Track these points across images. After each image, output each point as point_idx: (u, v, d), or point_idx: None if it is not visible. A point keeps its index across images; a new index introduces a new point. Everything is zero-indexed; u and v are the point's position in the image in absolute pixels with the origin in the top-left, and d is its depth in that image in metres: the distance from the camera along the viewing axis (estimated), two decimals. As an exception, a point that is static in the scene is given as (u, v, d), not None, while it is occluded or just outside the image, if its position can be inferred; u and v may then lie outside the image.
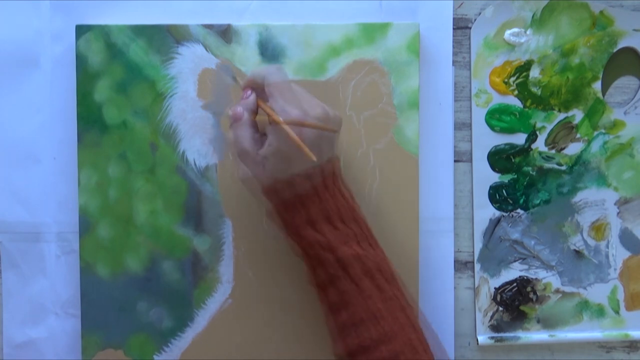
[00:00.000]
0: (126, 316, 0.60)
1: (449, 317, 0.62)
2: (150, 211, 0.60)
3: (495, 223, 0.63)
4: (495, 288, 0.63)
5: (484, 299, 0.63)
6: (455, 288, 0.63)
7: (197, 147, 0.61)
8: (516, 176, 0.63)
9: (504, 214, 0.63)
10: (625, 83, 0.63)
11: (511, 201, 0.63)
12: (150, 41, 0.60)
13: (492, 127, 0.62)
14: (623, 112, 0.63)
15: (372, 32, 0.60)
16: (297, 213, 0.52)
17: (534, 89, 0.62)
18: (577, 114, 0.63)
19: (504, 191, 0.63)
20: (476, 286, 0.63)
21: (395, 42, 0.60)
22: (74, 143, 0.60)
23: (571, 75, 0.62)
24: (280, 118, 0.51)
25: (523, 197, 0.63)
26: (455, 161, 0.62)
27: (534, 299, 0.63)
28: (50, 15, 0.61)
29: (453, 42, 0.62)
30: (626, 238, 0.64)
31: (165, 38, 0.60)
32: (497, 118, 0.62)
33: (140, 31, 0.60)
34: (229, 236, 0.61)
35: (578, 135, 0.63)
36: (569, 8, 0.62)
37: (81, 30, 0.60)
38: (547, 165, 0.63)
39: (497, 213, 0.63)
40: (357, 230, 0.53)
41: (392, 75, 0.61)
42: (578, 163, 0.63)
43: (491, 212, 0.63)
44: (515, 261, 0.63)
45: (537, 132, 0.63)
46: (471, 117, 0.62)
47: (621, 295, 0.63)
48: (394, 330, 0.51)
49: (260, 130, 0.54)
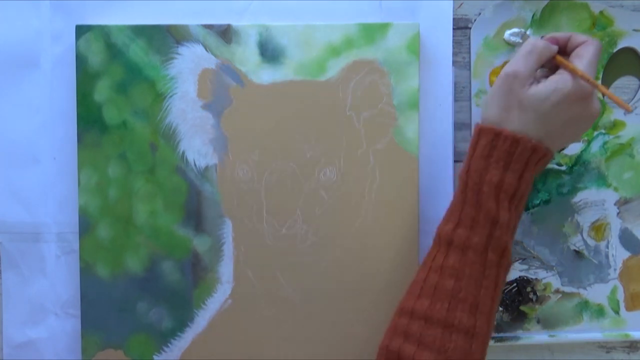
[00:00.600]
0: (126, 316, 0.60)
1: (449, 317, 0.62)
2: (150, 211, 0.60)
3: (495, 223, 0.63)
4: (495, 288, 0.63)
5: (484, 299, 0.63)
6: (455, 288, 0.63)
7: (197, 147, 0.61)
8: (516, 176, 0.63)
9: (504, 214, 0.63)
10: (625, 83, 0.63)
11: (511, 201, 0.63)
12: (150, 41, 0.60)
13: (492, 127, 0.62)
14: (623, 112, 0.63)
15: (372, 32, 0.60)
16: (495, 170, 0.50)
17: (534, 89, 0.62)
18: (577, 114, 0.63)
19: (504, 191, 0.63)
20: (476, 286, 0.63)
21: (395, 42, 0.60)
22: (74, 143, 0.60)
23: (571, 75, 0.62)
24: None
25: (523, 197, 0.63)
26: (455, 161, 0.62)
27: (534, 299, 0.63)
28: (50, 15, 0.61)
29: (453, 42, 0.62)
30: (626, 238, 0.64)
31: (165, 38, 0.60)
32: (497, 118, 0.62)
33: (140, 31, 0.60)
34: (229, 236, 0.61)
35: (578, 135, 0.63)
36: (569, 8, 0.62)
37: (81, 30, 0.60)
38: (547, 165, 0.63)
39: (497, 213, 0.63)
40: (517, 222, 0.52)
41: (392, 75, 0.61)
42: (578, 163, 0.63)
43: (491, 212, 0.63)
44: (515, 261, 0.63)
45: (537, 132, 0.63)
46: (471, 117, 0.62)
47: (621, 295, 0.63)
48: (483, 332, 0.49)
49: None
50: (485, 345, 0.50)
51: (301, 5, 0.61)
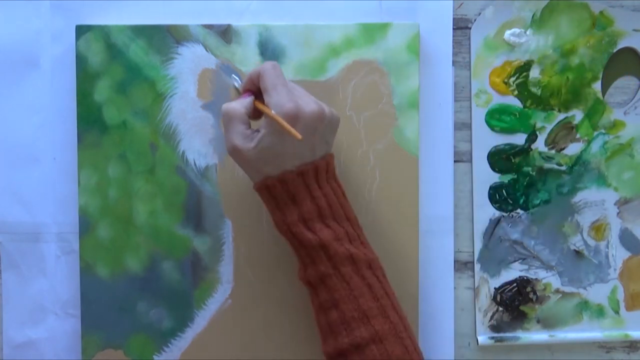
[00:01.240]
0: (126, 316, 0.60)
1: (449, 317, 0.62)
2: (150, 211, 0.60)
3: (495, 223, 0.63)
4: (495, 288, 0.63)
5: (484, 299, 0.63)
6: (455, 288, 0.63)
7: (197, 147, 0.61)
8: (516, 176, 0.63)
9: (504, 214, 0.63)
10: (625, 83, 0.63)
11: (511, 201, 0.63)
12: (150, 41, 0.60)
13: (492, 127, 0.62)
14: (623, 112, 0.63)
15: (372, 33, 0.60)
16: (289, 210, 0.52)
17: (534, 89, 0.62)
18: (577, 114, 0.63)
19: (504, 191, 0.63)
20: (476, 286, 0.63)
21: (395, 43, 0.60)
22: (74, 143, 0.60)
23: (571, 75, 0.62)
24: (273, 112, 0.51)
25: (523, 197, 0.63)
26: (455, 161, 0.62)
27: (534, 299, 0.63)
28: (50, 15, 0.61)
29: (453, 42, 0.62)
30: (626, 238, 0.64)
31: (165, 38, 0.60)
32: (497, 118, 0.62)
33: (140, 31, 0.60)
34: (229, 236, 0.61)
35: (578, 135, 0.63)
36: (569, 8, 0.62)
37: (81, 30, 0.60)
38: (547, 165, 0.63)
39: (497, 213, 0.63)
40: (349, 228, 0.53)
41: (392, 75, 0.61)
42: (578, 163, 0.63)
43: (491, 212, 0.63)
44: (515, 261, 0.63)
45: (537, 132, 0.63)
46: (471, 117, 0.62)
47: (621, 295, 0.63)
48: (385, 329, 0.51)
49: (253, 127, 0.54)
50: (402, 335, 0.51)
51: (301, 5, 0.61)
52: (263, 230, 0.61)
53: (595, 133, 0.63)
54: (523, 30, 0.62)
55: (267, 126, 0.51)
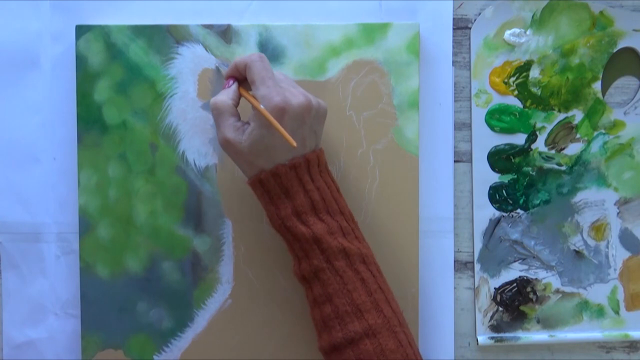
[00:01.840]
0: (126, 316, 0.60)
1: (449, 317, 0.62)
2: (150, 211, 0.60)
3: (495, 223, 0.63)
4: (495, 288, 0.63)
5: (484, 299, 0.63)
6: (455, 288, 0.63)
7: (197, 147, 0.61)
8: (516, 176, 0.63)
9: (504, 214, 0.63)
10: (625, 83, 0.63)
11: (511, 201, 0.63)
12: (150, 41, 0.60)
13: (492, 127, 0.62)
14: (623, 112, 0.63)
15: (372, 33, 0.60)
16: (283, 204, 0.52)
17: (534, 89, 0.62)
18: (577, 114, 0.63)
19: (504, 191, 0.63)
20: (476, 286, 0.63)
21: (395, 43, 0.60)
22: (74, 143, 0.60)
23: (571, 75, 0.62)
24: (261, 106, 0.51)
25: (523, 198, 0.63)
26: (455, 161, 0.62)
27: (534, 299, 0.63)
28: (50, 15, 0.61)
29: (453, 42, 0.62)
30: (626, 238, 0.64)
31: (165, 38, 0.60)
32: (497, 118, 0.62)
33: (140, 31, 0.60)
34: (229, 236, 0.61)
35: (578, 135, 0.63)
36: (569, 8, 0.62)
37: (81, 30, 0.60)
38: (547, 165, 0.63)
39: (497, 213, 0.63)
40: (343, 222, 0.53)
41: (392, 75, 0.61)
42: (578, 163, 0.63)
43: (491, 212, 0.63)
44: (515, 261, 0.63)
45: (537, 132, 0.63)
46: (471, 117, 0.62)
47: (621, 295, 0.63)
48: (379, 323, 0.51)
49: (243, 119, 0.54)
50: (395, 330, 0.51)
51: (301, 5, 0.61)
52: (263, 230, 0.61)
53: (595, 133, 0.63)
54: (523, 30, 0.62)
55: (256, 119, 0.52)
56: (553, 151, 0.63)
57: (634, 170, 0.63)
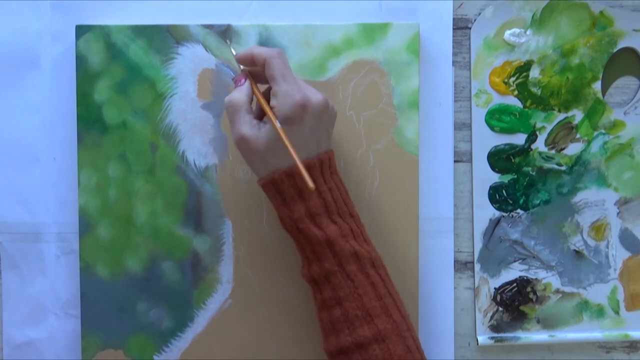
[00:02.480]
0: (126, 316, 0.60)
1: (449, 317, 0.62)
2: (150, 211, 0.60)
3: (495, 223, 0.63)
4: (495, 288, 0.63)
5: (484, 299, 0.63)
6: (455, 288, 0.63)
7: (197, 147, 0.61)
8: (516, 176, 0.63)
9: (504, 214, 0.63)
10: (625, 83, 0.63)
11: (511, 201, 0.63)
12: (150, 41, 0.60)
13: (492, 127, 0.62)
14: (623, 112, 0.63)
15: (372, 33, 0.60)
16: (296, 205, 0.52)
17: (534, 89, 0.62)
18: (577, 114, 0.63)
19: (504, 191, 0.63)
20: (476, 286, 0.63)
21: (395, 43, 0.60)
22: (74, 143, 0.60)
23: (571, 75, 0.62)
24: (280, 105, 0.50)
25: (523, 198, 0.63)
26: (455, 161, 0.62)
27: (534, 299, 0.63)
28: (50, 15, 0.61)
29: (453, 42, 0.62)
30: (626, 238, 0.64)
31: (165, 38, 0.60)
32: (497, 118, 0.62)
33: (140, 31, 0.60)
34: (229, 236, 0.61)
35: (578, 135, 0.63)
36: (569, 8, 0.62)
37: (81, 30, 0.60)
38: (547, 165, 0.63)
39: (497, 213, 0.63)
40: (353, 225, 0.53)
41: (392, 75, 0.61)
42: (578, 163, 0.63)
43: (491, 212, 0.63)
44: (515, 261, 0.63)
45: (537, 132, 0.63)
46: (471, 117, 0.62)
47: (621, 295, 0.63)
48: (388, 328, 0.51)
49: (257, 117, 0.54)
50: (404, 335, 0.51)
51: (301, 5, 0.61)
52: (263, 230, 0.61)
53: (595, 133, 0.63)
54: (523, 30, 0.62)
55: (265, 134, 0.51)
56: (553, 151, 0.63)
57: (634, 170, 0.63)
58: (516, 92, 0.62)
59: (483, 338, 0.62)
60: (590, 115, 0.63)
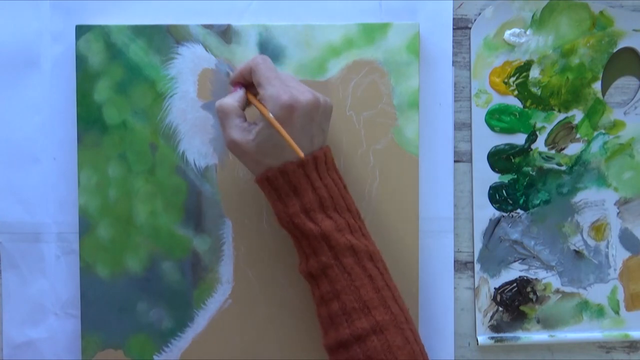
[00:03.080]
0: (126, 316, 0.60)
1: (449, 317, 0.62)
2: (150, 211, 0.60)
3: (495, 223, 0.63)
4: (495, 288, 0.63)
5: (484, 299, 0.63)
6: (455, 288, 0.63)
7: (197, 147, 0.61)
8: (516, 176, 0.63)
9: (504, 214, 0.63)
10: (625, 83, 0.63)
11: (511, 201, 0.63)
12: (150, 41, 0.60)
13: (492, 127, 0.62)
14: (623, 112, 0.63)
15: (372, 33, 0.60)
16: (291, 201, 0.53)
17: (534, 89, 0.62)
18: (577, 114, 0.63)
19: (504, 191, 0.63)
20: (476, 286, 0.63)
21: (395, 43, 0.60)
22: (74, 143, 0.60)
23: (571, 75, 0.62)
24: (268, 108, 0.51)
25: (523, 198, 0.63)
26: (455, 161, 0.62)
27: (534, 299, 0.63)
28: (50, 15, 0.61)
29: (453, 42, 0.62)
30: (626, 238, 0.64)
31: (165, 38, 0.60)
32: (497, 118, 0.62)
33: (140, 31, 0.60)
34: (229, 236, 0.61)
35: (578, 135, 0.63)
36: (569, 8, 0.62)
37: (81, 30, 0.60)
38: (547, 165, 0.63)
39: (497, 213, 0.63)
40: (350, 220, 0.54)
41: (392, 75, 0.61)
42: (578, 163, 0.63)
43: (491, 212, 0.63)
44: (515, 261, 0.63)
45: (537, 133, 0.63)
46: (471, 117, 0.62)
47: (621, 295, 0.63)
48: (386, 320, 0.51)
49: (249, 120, 0.54)
50: (402, 326, 0.51)
51: (301, 5, 0.61)
52: (263, 230, 0.61)
53: (595, 133, 0.63)
54: (523, 30, 0.62)
55: (265, 118, 0.52)
56: (553, 151, 0.63)
57: (634, 170, 0.63)
58: (516, 92, 0.62)
59: (483, 338, 0.62)
60: (590, 115, 0.63)
